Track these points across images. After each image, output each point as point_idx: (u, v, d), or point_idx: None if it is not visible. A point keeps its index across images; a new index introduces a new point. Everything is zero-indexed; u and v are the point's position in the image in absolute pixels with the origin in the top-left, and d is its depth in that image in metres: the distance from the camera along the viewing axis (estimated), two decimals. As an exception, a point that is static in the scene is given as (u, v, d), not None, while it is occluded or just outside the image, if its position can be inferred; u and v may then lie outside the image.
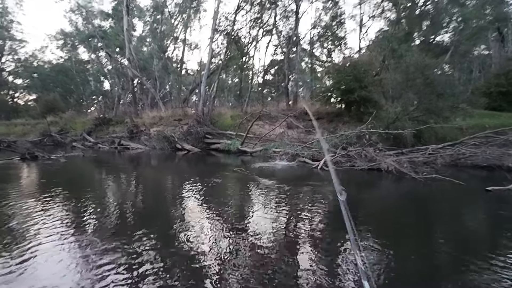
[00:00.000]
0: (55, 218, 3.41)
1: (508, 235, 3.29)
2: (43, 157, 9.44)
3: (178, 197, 4.86)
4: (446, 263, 2.61)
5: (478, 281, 2.16)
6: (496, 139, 7.95)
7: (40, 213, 3.56)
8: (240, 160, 10.47)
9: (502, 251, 2.76)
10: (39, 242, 2.69)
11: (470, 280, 2.18)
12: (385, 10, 19.78)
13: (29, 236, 2.83)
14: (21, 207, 3.85)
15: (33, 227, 3.07)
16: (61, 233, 2.92)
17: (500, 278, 2.20)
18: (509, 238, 3.17)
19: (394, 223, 3.77)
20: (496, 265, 2.39)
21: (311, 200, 4.60)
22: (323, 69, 22.91)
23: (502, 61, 18.78)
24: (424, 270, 2.40)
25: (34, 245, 2.61)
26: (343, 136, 9.23)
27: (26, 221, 3.28)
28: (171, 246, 2.72)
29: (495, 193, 4.89)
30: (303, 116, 14.76)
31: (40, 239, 2.76)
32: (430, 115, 10.30)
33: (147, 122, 16.70)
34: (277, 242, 2.86)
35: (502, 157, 6.96)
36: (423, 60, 10.51)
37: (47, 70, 32.10)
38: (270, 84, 28.21)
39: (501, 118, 12.78)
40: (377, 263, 2.43)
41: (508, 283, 2.12)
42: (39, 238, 2.79)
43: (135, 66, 18.47)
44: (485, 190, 4.98)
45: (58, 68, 31.99)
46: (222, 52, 20.56)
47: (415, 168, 6.39)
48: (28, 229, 3.04)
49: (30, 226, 3.11)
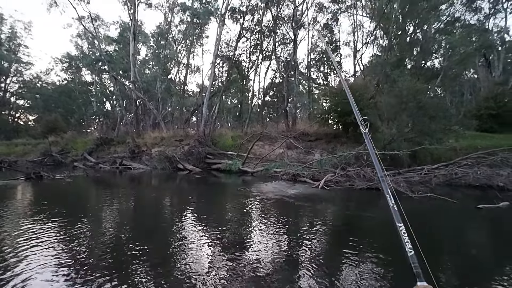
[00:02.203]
0: (57, 235, 3.59)
1: (495, 248, 3.52)
2: (48, 177, 9.60)
3: (178, 217, 4.97)
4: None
5: None
6: (487, 160, 8.32)
7: (44, 228, 3.76)
8: (241, 180, 10.66)
9: (488, 263, 2.99)
10: (35, 262, 2.80)
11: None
12: (377, 37, 21.07)
13: (27, 255, 2.95)
14: (26, 226, 4.01)
15: (34, 246, 3.21)
16: (60, 252, 3.07)
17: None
18: (496, 251, 3.40)
19: (389, 238, 3.98)
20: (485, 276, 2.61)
21: (312, 221, 4.81)
22: (320, 92, 23.85)
23: (490, 85, 19.72)
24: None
25: (29, 264, 2.72)
26: (342, 157, 9.55)
27: (29, 239, 3.45)
28: (169, 268, 2.79)
29: (485, 211, 5.16)
30: (302, 137, 15.20)
31: (39, 256, 2.90)
32: (424, 136, 10.73)
33: (149, 142, 16.99)
34: (276, 264, 2.92)
35: (492, 177, 7.29)
36: (414, 85, 11.14)
37: (50, 91, 32.83)
38: (269, 105, 29.01)
39: (493, 140, 13.27)
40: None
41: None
42: (37, 258, 2.90)
43: (139, 88, 19.12)
44: (476, 208, 5.26)
45: (61, 89, 32.75)
46: (224, 76, 21.44)
47: (411, 187, 6.67)
48: (27, 247, 3.19)
49: (30, 244, 3.26)
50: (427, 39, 18.26)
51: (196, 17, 20.65)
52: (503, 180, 7.12)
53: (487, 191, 6.86)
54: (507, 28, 22.73)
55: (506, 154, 8.39)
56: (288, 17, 19.10)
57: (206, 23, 22.39)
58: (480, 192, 7.06)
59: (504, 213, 5.14)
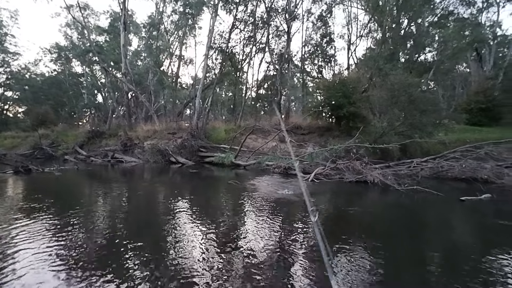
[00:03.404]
0: (47, 231, 3.54)
1: (475, 238, 3.64)
2: (37, 170, 9.47)
3: (171, 211, 4.98)
4: (420, 263, 2.92)
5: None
6: (473, 153, 8.50)
7: (35, 225, 3.71)
8: (234, 173, 10.69)
9: (468, 252, 3.10)
10: (27, 257, 2.80)
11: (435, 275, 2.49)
12: (371, 30, 21.02)
13: (18, 251, 2.94)
14: (16, 222, 3.98)
15: (25, 241, 3.19)
16: (51, 247, 3.04)
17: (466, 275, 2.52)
18: (475, 241, 3.52)
19: (376, 229, 4.08)
20: (463, 264, 2.71)
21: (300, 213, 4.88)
22: (314, 85, 23.82)
23: (480, 79, 19.97)
24: (397, 268, 2.70)
25: (21, 261, 2.71)
26: (332, 150, 9.65)
27: (19, 234, 3.42)
28: (162, 260, 2.82)
29: (467, 203, 5.32)
30: (295, 130, 15.25)
31: (30, 253, 2.87)
32: (415, 130, 10.90)
33: (141, 135, 16.83)
34: (269, 256, 3.00)
35: (477, 170, 7.47)
36: (406, 79, 11.21)
37: (39, 83, 32.04)
38: (263, 98, 28.90)
39: (482, 133, 13.56)
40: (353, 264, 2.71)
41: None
42: (28, 252, 2.90)
43: (130, 80, 18.80)
44: (459, 200, 5.41)
45: (51, 80, 31.96)
46: (217, 68, 21.21)
47: (399, 180, 6.80)
48: (19, 242, 3.17)
49: (21, 240, 3.24)
50: (421, 33, 18.31)
51: (189, 7, 20.22)
52: (487, 172, 7.31)
53: (472, 184, 7.04)
54: (499, 22, 22.90)
55: (491, 147, 8.60)
56: (282, 8, 18.86)
57: (198, 14, 21.95)
58: (466, 184, 7.24)
59: (485, 205, 5.30)
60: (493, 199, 5.57)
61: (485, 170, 7.37)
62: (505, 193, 6.25)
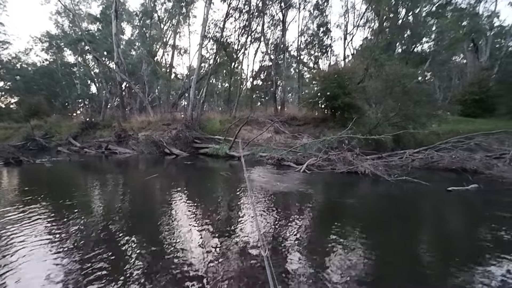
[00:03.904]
0: (38, 224, 3.51)
1: (457, 226, 3.72)
2: (28, 161, 9.39)
3: (166, 202, 5.01)
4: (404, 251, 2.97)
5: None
6: (464, 144, 8.58)
7: (23, 220, 3.66)
8: (228, 164, 10.70)
9: (451, 239, 3.16)
10: (21, 249, 2.79)
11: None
12: (368, 20, 20.75)
13: (12, 243, 2.93)
14: (3, 215, 3.95)
15: (17, 234, 3.18)
16: (43, 240, 3.03)
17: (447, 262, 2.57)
18: (458, 230, 3.59)
19: (364, 219, 4.12)
20: (443, 252, 2.76)
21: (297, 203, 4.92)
22: (310, 76, 23.63)
23: (476, 70, 19.94)
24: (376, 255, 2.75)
25: (16, 253, 2.70)
26: (325, 141, 9.66)
27: (8, 227, 3.38)
28: (157, 250, 2.86)
29: (454, 193, 5.40)
30: (291, 121, 15.22)
31: (23, 246, 2.86)
32: (408, 121, 10.92)
33: (135, 126, 16.69)
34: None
35: (466, 161, 7.55)
36: (401, 70, 11.16)
37: (31, 73, 31.36)
38: (259, 89, 28.68)
39: (475, 124, 13.63)
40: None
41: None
42: (22, 244, 2.89)
43: (123, 70, 18.48)
44: (447, 190, 5.49)
45: (43, 70, 31.29)
46: (212, 58, 20.89)
47: (389, 171, 6.86)
48: (12, 235, 3.15)
49: (13, 232, 3.22)
50: (418, 22, 18.11)
51: (182, -6, 19.73)
52: (476, 163, 7.39)
53: (461, 174, 7.12)
54: (496, 12, 22.71)
55: (481, 138, 8.66)
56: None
57: (192, 2, 21.45)
58: (455, 175, 7.32)
59: (472, 195, 5.37)
60: (480, 189, 5.65)
61: (474, 161, 7.46)
62: (492, 183, 6.34)
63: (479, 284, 2.27)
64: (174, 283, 2.26)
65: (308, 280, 2.32)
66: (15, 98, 33.19)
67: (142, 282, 2.26)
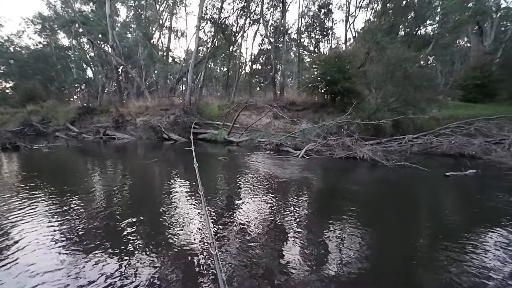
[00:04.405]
0: (40, 210, 3.53)
1: (455, 212, 3.75)
2: (25, 147, 9.34)
3: (166, 187, 5.04)
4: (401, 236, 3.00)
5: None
6: (464, 129, 8.53)
7: (25, 205, 3.67)
8: (227, 149, 10.69)
9: (446, 225, 3.19)
10: (25, 233, 2.82)
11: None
12: (371, 1, 20.02)
13: (16, 229, 2.94)
14: (4, 200, 3.96)
15: (20, 219, 3.19)
16: (47, 225, 3.06)
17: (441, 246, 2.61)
18: (455, 215, 3.63)
19: (362, 204, 4.15)
20: (439, 238, 2.79)
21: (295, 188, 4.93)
22: (310, 60, 23.14)
23: (479, 54, 19.53)
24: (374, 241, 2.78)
25: (21, 238, 2.72)
26: (324, 126, 9.60)
27: (11, 213, 3.40)
28: (159, 234, 2.90)
29: (452, 178, 5.42)
30: (290, 106, 15.06)
31: (27, 230, 2.89)
32: (408, 106, 10.81)
33: (133, 111, 16.51)
34: (264, 230, 3.08)
35: (465, 146, 7.54)
36: (402, 54, 10.91)
37: (25, 56, 30.61)
38: (258, 73, 28.16)
39: (475, 109, 13.52)
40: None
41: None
42: (25, 229, 2.91)
43: (119, 53, 18.02)
44: (444, 176, 5.50)
45: (37, 54, 30.49)
46: (209, 41, 20.34)
47: (388, 156, 6.86)
48: (15, 220, 3.16)
49: (16, 218, 3.24)
50: (423, 4, 17.51)
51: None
52: (475, 148, 7.38)
53: (460, 159, 7.13)
54: (504, -8, 21.92)
55: (481, 123, 8.60)
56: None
57: (189, -19, 20.54)
58: (453, 160, 7.34)
59: (470, 180, 5.40)
60: (478, 174, 5.68)
61: (473, 146, 7.44)
62: (490, 168, 6.36)
63: (472, 266, 2.31)
64: (170, 260, 2.30)
65: (303, 264, 2.35)
66: (10, 82, 32.64)
67: (140, 258, 2.29)
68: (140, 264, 2.30)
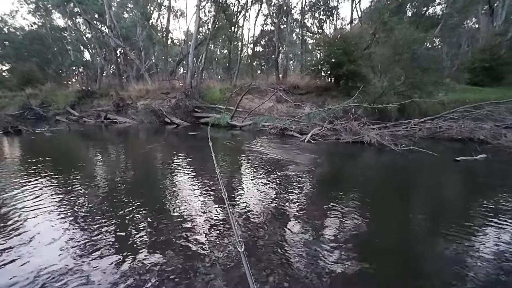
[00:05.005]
0: (46, 194, 3.50)
1: (468, 198, 3.72)
2: (27, 131, 9.24)
3: (169, 171, 5.01)
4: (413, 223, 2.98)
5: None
6: (472, 113, 8.39)
7: (30, 189, 3.64)
8: (230, 134, 10.59)
9: (460, 212, 3.17)
10: (31, 217, 2.80)
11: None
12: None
13: (22, 213, 2.91)
14: (11, 184, 3.92)
15: (25, 203, 3.17)
16: (53, 209, 3.04)
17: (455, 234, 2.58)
18: (468, 201, 3.60)
19: (369, 189, 4.13)
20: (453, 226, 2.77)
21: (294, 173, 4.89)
22: (314, 42, 22.47)
23: (489, 36, 18.92)
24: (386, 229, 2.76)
25: (27, 223, 2.70)
26: (330, 110, 9.45)
27: (17, 197, 3.38)
28: (164, 217, 2.89)
29: (463, 163, 5.36)
30: (293, 90, 14.77)
31: (32, 215, 2.87)
32: (415, 89, 10.58)
33: (133, 95, 16.24)
34: (266, 212, 3.09)
35: (474, 130, 7.44)
36: (411, 34, 10.53)
37: (20, 38, 29.74)
38: (260, 56, 27.48)
39: (482, 93, 13.26)
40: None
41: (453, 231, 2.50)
42: (31, 214, 2.89)
43: (117, 34, 17.46)
44: (454, 160, 5.45)
45: (32, 35, 29.60)
46: (210, 21, 19.66)
47: (395, 140, 6.78)
48: (21, 205, 3.13)
49: (22, 202, 3.21)
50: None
51: None
52: (485, 133, 7.28)
53: (468, 144, 7.06)
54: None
55: (492, 107, 8.43)
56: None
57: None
58: (461, 145, 7.27)
59: (480, 165, 5.35)
60: (488, 159, 5.62)
61: (483, 130, 7.34)
62: (500, 153, 6.30)
63: (476, 251, 2.29)
64: (175, 246, 2.29)
65: (304, 245, 2.36)
66: (6, 65, 31.97)
67: (145, 243, 2.28)
68: (156, 256, 2.28)
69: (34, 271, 1.96)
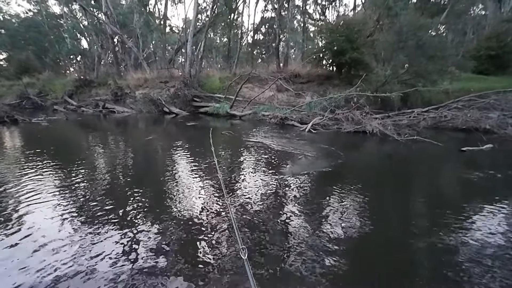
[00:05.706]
0: (44, 185, 3.42)
1: (474, 189, 3.61)
2: (24, 120, 9.11)
3: (168, 162, 4.92)
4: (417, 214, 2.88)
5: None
6: (477, 102, 8.18)
7: (28, 180, 3.56)
8: (229, 123, 10.44)
9: (467, 203, 3.06)
10: (31, 211, 2.72)
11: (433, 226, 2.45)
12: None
13: (21, 206, 2.84)
14: (8, 174, 3.83)
15: (24, 195, 3.08)
16: (52, 201, 2.96)
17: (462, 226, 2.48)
18: (475, 193, 3.49)
19: (373, 180, 4.02)
20: (459, 216, 2.67)
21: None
22: (316, 29, 21.90)
23: (496, 22, 18.38)
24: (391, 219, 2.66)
25: (27, 215, 2.64)
26: (332, 99, 9.24)
27: (16, 188, 3.30)
28: (163, 208, 2.83)
29: (468, 153, 5.22)
30: (294, 79, 14.48)
31: (32, 208, 2.79)
32: (418, 78, 10.32)
33: (132, 84, 15.98)
34: (267, 203, 3.01)
35: (480, 120, 7.26)
36: (417, 20, 10.17)
37: (15, 25, 29.14)
38: (260, 44, 26.92)
39: (487, 82, 12.97)
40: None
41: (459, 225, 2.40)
42: (30, 207, 2.81)
43: (113, 21, 17.00)
44: (460, 151, 5.31)
45: (28, 23, 29.01)
46: (209, 7, 19.12)
47: (398, 130, 6.62)
48: (19, 197, 3.05)
49: (20, 194, 3.12)
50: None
51: None
52: (491, 123, 7.08)
53: (473, 134, 6.90)
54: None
55: (499, 96, 8.21)
56: None
57: None
58: (465, 135, 7.11)
59: (486, 155, 5.21)
60: (495, 149, 5.48)
61: (489, 120, 7.15)
62: (506, 143, 6.15)
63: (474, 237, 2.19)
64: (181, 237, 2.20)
65: (304, 233, 2.32)
66: (3, 54, 31.49)
67: (149, 238, 2.18)
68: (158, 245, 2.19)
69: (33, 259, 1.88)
